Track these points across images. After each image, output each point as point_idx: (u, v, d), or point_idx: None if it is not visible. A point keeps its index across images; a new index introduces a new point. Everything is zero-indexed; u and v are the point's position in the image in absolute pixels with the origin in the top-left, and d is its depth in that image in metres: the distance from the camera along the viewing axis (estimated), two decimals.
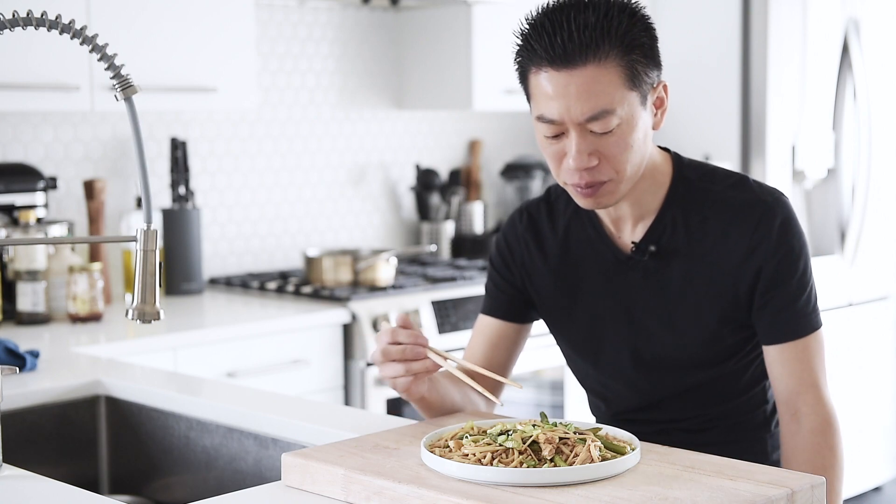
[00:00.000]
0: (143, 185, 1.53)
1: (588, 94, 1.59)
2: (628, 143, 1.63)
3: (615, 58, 1.59)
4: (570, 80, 1.59)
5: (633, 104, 1.62)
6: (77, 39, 1.50)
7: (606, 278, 1.79)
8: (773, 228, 1.69)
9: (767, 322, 1.70)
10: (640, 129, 1.64)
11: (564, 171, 1.66)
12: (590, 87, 1.59)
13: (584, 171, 1.64)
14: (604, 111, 1.60)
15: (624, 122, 1.62)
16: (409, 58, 4.01)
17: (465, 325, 3.30)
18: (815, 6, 4.13)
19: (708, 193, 1.74)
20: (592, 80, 1.58)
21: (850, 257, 4.33)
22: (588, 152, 1.62)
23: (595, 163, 1.63)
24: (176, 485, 2.11)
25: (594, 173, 1.64)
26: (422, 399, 1.72)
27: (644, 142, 1.67)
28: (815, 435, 1.68)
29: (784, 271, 1.69)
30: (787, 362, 1.70)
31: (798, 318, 1.70)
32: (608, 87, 1.59)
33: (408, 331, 1.64)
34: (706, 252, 1.73)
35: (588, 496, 1.33)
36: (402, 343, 1.64)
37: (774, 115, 4.07)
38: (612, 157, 1.63)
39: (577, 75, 1.59)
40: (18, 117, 3.22)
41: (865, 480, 4.41)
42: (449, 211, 4.10)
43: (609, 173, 1.65)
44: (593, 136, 1.62)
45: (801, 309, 1.70)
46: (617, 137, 1.62)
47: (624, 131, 1.62)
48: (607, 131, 1.61)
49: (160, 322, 2.43)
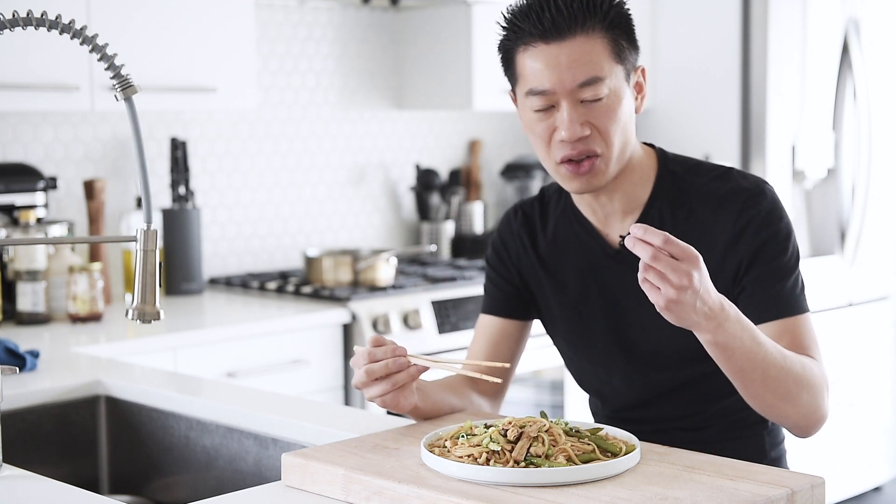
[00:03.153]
0: (143, 185, 1.53)
1: (579, 62, 1.66)
2: (617, 114, 1.69)
3: (601, 31, 1.67)
4: (561, 51, 1.66)
5: (619, 77, 1.70)
6: (77, 39, 1.50)
7: (595, 273, 1.81)
8: (757, 214, 1.71)
9: (754, 301, 1.70)
10: (625, 105, 1.71)
11: (555, 147, 1.70)
12: (580, 55, 1.66)
13: (577, 142, 1.68)
14: (594, 77, 1.66)
15: (612, 93, 1.68)
16: (409, 58, 4.01)
17: (465, 325, 3.30)
18: (815, 6, 4.13)
19: (693, 186, 1.77)
20: (582, 50, 1.66)
21: (850, 257, 4.33)
22: (580, 122, 1.67)
23: (587, 132, 1.68)
24: (176, 485, 2.12)
25: (586, 143, 1.68)
26: (415, 409, 1.70)
27: (629, 122, 1.72)
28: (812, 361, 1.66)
29: (769, 252, 1.70)
30: (776, 338, 1.68)
31: (786, 298, 1.70)
32: (597, 57, 1.67)
33: (383, 347, 1.62)
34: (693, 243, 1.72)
35: (588, 496, 1.33)
36: (381, 359, 1.61)
37: (774, 115, 4.07)
38: (602, 128, 1.68)
39: (567, 46, 1.66)
40: (18, 117, 3.22)
41: (865, 480, 4.41)
42: (449, 211, 4.10)
43: (600, 145, 1.69)
44: (584, 106, 1.67)
45: (789, 290, 1.70)
46: (606, 107, 1.68)
47: (612, 102, 1.69)
48: (598, 98, 1.67)
49: (160, 322, 2.43)
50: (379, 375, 1.61)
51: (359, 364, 1.63)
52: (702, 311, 1.47)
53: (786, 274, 1.71)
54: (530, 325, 1.93)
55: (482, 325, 1.92)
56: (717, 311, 1.49)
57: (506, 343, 1.90)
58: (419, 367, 1.62)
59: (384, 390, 1.61)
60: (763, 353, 1.56)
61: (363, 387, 1.64)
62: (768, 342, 1.58)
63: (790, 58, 4.10)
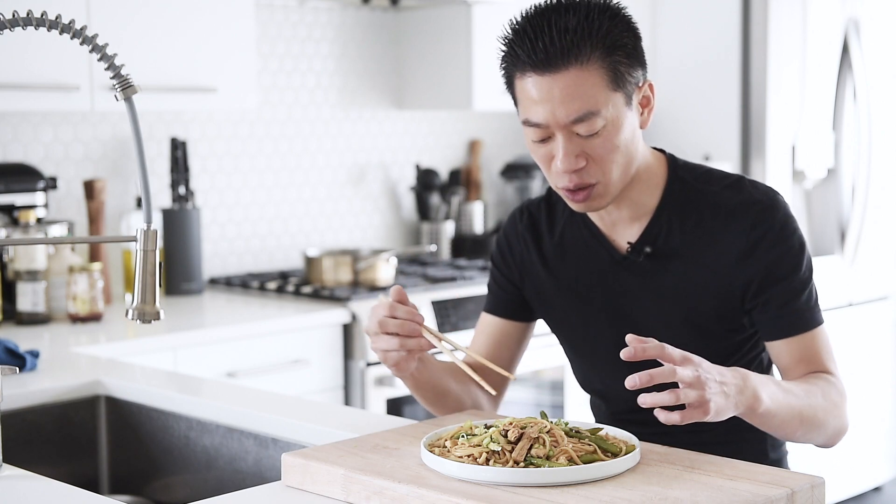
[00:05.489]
0: (143, 185, 1.53)
1: (572, 97, 1.60)
2: (615, 144, 1.64)
3: (597, 59, 1.60)
4: (554, 84, 1.60)
5: (617, 105, 1.63)
6: (77, 39, 1.50)
7: (602, 279, 1.80)
8: (770, 228, 1.70)
9: (770, 318, 1.71)
10: (626, 130, 1.66)
11: (554, 175, 1.68)
12: (573, 89, 1.60)
13: (573, 174, 1.65)
14: (588, 113, 1.61)
15: (609, 124, 1.63)
16: (409, 58, 4.01)
17: (466, 325, 3.30)
18: (815, 6, 4.13)
19: (704, 194, 1.75)
20: (575, 83, 1.60)
21: (850, 257, 4.33)
22: (575, 154, 1.64)
23: (583, 164, 1.65)
24: (176, 485, 2.12)
25: (582, 175, 1.66)
26: (411, 377, 1.75)
27: (632, 142, 1.68)
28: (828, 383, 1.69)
29: (784, 268, 1.70)
30: (794, 353, 1.71)
31: (801, 313, 1.70)
32: (591, 90, 1.60)
33: (405, 307, 1.66)
34: (702, 253, 1.73)
35: (588, 496, 1.33)
36: (399, 318, 1.65)
37: (774, 115, 4.07)
38: (598, 158, 1.65)
39: (560, 79, 1.60)
40: (18, 117, 3.22)
41: (865, 480, 4.41)
42: (449, 211, 4.10)
43: (597, 175, 1.66)
44: (579, 138, 1.63)
45: (804, 304, 1.71)
46: (603, 139, 1.63)
47: (610, 132, 1.63)
48: (593, 133, 1.62)
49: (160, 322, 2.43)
50: (390, 331, 1.65)
51: (377, 314, 1.67)
52: (732, 389, 1.48)
53: (800, 289, 1.71)
54: (532, 326, 1.93)
55: (484, 323, 1.93)
56: (740, 380, 1.50)
57: (506, 343, 1.90)
58: (429, 342, 1.66)
59: (390, 346, 1.66)
60: (794, 399, 1.59)
61: (372, 335, 1.68)
62: (792, 386, 1.61)
63: (790, 58, 4.10)
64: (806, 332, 1.70)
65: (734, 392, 1.48)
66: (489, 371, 1.84)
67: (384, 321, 1.65)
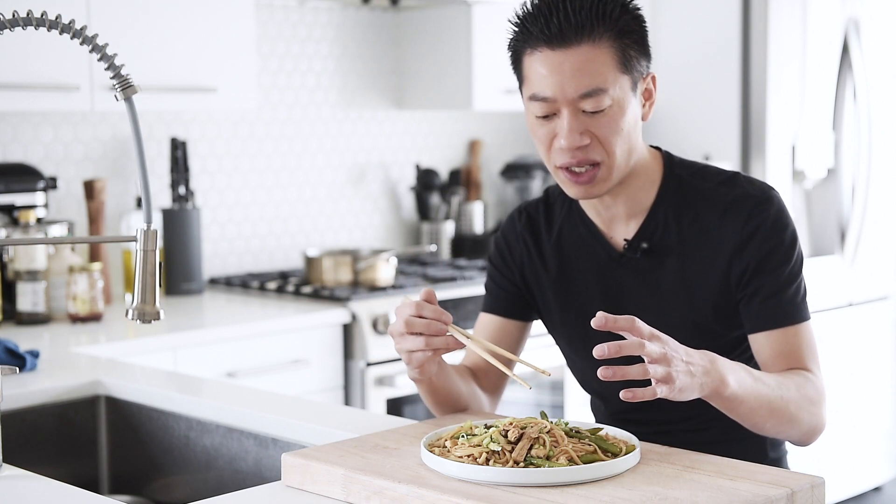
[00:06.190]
0: (143, 185, 1.53)
1: (582, 72, 1.63)
2: (619, 125, 1.67)
3: (608, 40, 1.64)
4: (565, 59, 1.64)
5: (624, 88, 1.66)
6: (77, 39, 1.50)
7: (599, 276, 1.81)
8: (764, 221, 1.71)
9: (754, 309, 1.71)
10: (630, 115, 1.68)
11: (555, 152, 1.69)
12: (584, 65, 1.63)
13: (576, 150, 1.67)
14: (597, 89, 1.64)
15: (615, 104, 1.66)
16: (409, 58, 4.01)
17: (465, 325, 3.28)
18: (815, 6, 4.13)
19: (699, 191, 1.76)
20: (586, 59, 1.63)
21: (850, 257, 4.33)
22: (579, 131, 1.66)
23: (586, 142, 1.66)
24: (176, 485, 2.12)
25: (586, 152, 1.67)
26: (430, 382, 1.71)
27: (634, 130, 1.70)
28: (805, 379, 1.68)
29: (774, 261, 1.70)
30: (775, 346, 1.69)
31: (786, 306, 1.70)
32: (601, 67, 1.64)
33: (433, 306, 1.62)
34: (698, 249, 1.74)
35: (588, 496, 1.33)
36: (427, 318, 1.60)
37: (774, 115, 4.07)
38: (602, 138, 1.67)
39: (572, 54, 1.64)
40: (18, 117, 3.22)
41: (865, 480, 4.41)
42: (449, 211, 4.10)
43: (600, 154, 1.68)
44: (585, 115, 1.66)
45: (790, 298, 1.70)
46: (608, 118, 1.66)
47: (615, 113, 1.66)
48: (599, 110, 1.65)
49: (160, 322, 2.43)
50: (417, 331, 1.60)
51: (402, 313, 1.62)
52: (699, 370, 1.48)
53: (788, 283, 1.71)
54: (530, 325, 1.94)
55: (482, 323, 1.93)
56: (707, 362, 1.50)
57: (505, 342, 1.90)
58: (457, 341, 1.62)
59: (417, 346, 1.61)
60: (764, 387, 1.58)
61: (398, 336, 1.63)
62: (763, 375, 1.60)
63: (790, 58, 4.10)
64: (789, 325, 1.70)
65: (700, 372, 1.48)
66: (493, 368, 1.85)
67: (410, 321, 1.60)
